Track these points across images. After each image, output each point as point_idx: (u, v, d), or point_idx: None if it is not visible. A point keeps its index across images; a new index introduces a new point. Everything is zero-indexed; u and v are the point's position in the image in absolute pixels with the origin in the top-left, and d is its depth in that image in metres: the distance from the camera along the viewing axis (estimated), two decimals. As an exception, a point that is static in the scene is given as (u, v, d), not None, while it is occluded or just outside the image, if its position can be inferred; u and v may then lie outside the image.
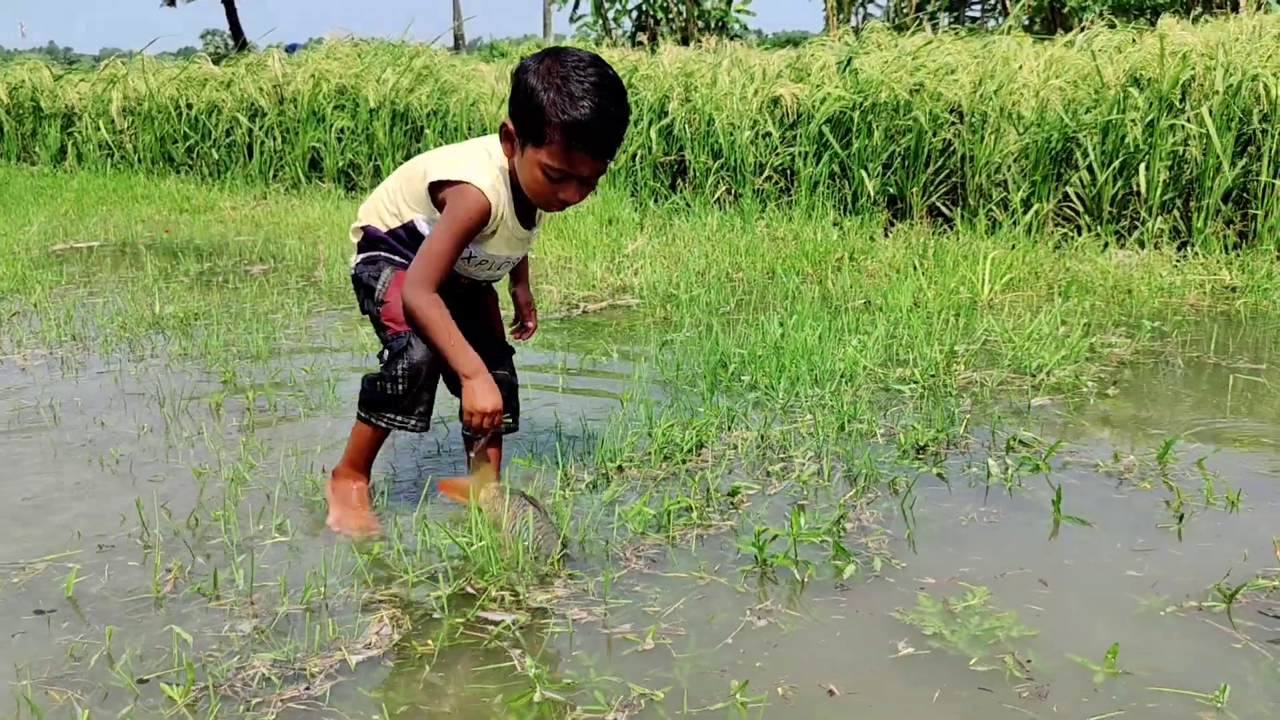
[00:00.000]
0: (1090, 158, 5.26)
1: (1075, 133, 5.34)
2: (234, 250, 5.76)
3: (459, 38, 22.92)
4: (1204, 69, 5.16)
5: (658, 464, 2.54)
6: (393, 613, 1.86)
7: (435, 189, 2.10)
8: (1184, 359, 3.43)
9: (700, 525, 2.20)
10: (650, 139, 6.64)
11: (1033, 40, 6.57)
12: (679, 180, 6.68)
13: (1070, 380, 3.16)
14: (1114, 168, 5.19)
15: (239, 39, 22.75)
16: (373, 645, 1.75)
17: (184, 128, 9.09)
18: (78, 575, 1.98)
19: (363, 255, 2.25)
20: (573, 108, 1.92)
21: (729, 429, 2.77)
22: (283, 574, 1.98)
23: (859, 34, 8.02)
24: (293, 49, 11.27)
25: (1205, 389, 3.15)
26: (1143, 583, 1.95)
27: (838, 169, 6.08)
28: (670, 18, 14.93)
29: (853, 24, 14.08)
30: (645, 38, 13.96)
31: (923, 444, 2.63)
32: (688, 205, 6.33)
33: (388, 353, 2.14)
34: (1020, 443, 2.66)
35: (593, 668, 1.69)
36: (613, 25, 15.19)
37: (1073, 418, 2.89)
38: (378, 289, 2.18)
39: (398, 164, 6.90)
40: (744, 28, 15.29)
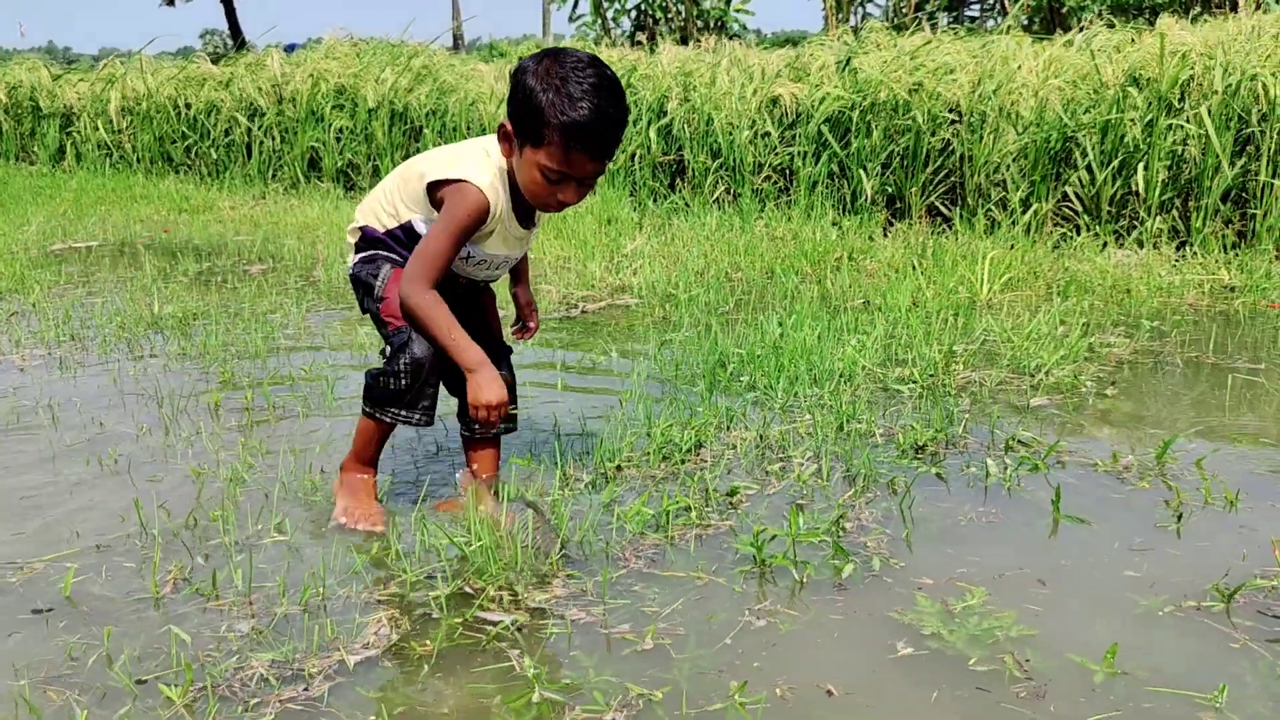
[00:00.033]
0: (1089, 157, 5.26)
1: (1074, 132, 5.35)
2: (233, 250, 5.76)
3: (458, 37, 22.92)
4: (1203, 69, 5.16)
5: (656, 464, 2.54)
6: (391, 613, 1.86)
7: (433, 188, 2.10)
8: (1183, 359, 3.43)
9: (699, 525, 2.20)
10: (649, 139, 6.64)
11: (1031, 40, 6.57)
12: (678, 180, 6.68)
13: (1069, 380, 3.16)
14: (1113, 167, 5.19)
15: (238, 39, 22.74)
16: (371, 645, 1.75)
17: (183, 127, 9.09)
18: (76, 575, 1.98)
19: (361, 255, 2.25)
20: (571, 109, 1.92)
21: (728, 429, 2.77)
22: (281, 574, 1.98)
23: (858, 34, 8.03)
24: (291, 49, 11.27)
25: (1204, 389, 3.15)
26: (1141, 582, 1.95)
27: (836, 169, 6.08)
28: (669, 17, 14.94)
29: (852, 24, 14.09)
30: (644, 37, 13.97)
31: (921, 444, 2.64)
32: (687, 205, 6.33)
33: (389, 348, 2.14)
34: (1019, 442, 2.66)
35: (591, 668, 1.69)
36: (611, 25, 15.19)
37: (1071, 417, 2.89)
38: (377, 286, 2.18)
39: (396, 164, 6.90)
40: (743, 27, 15.30)
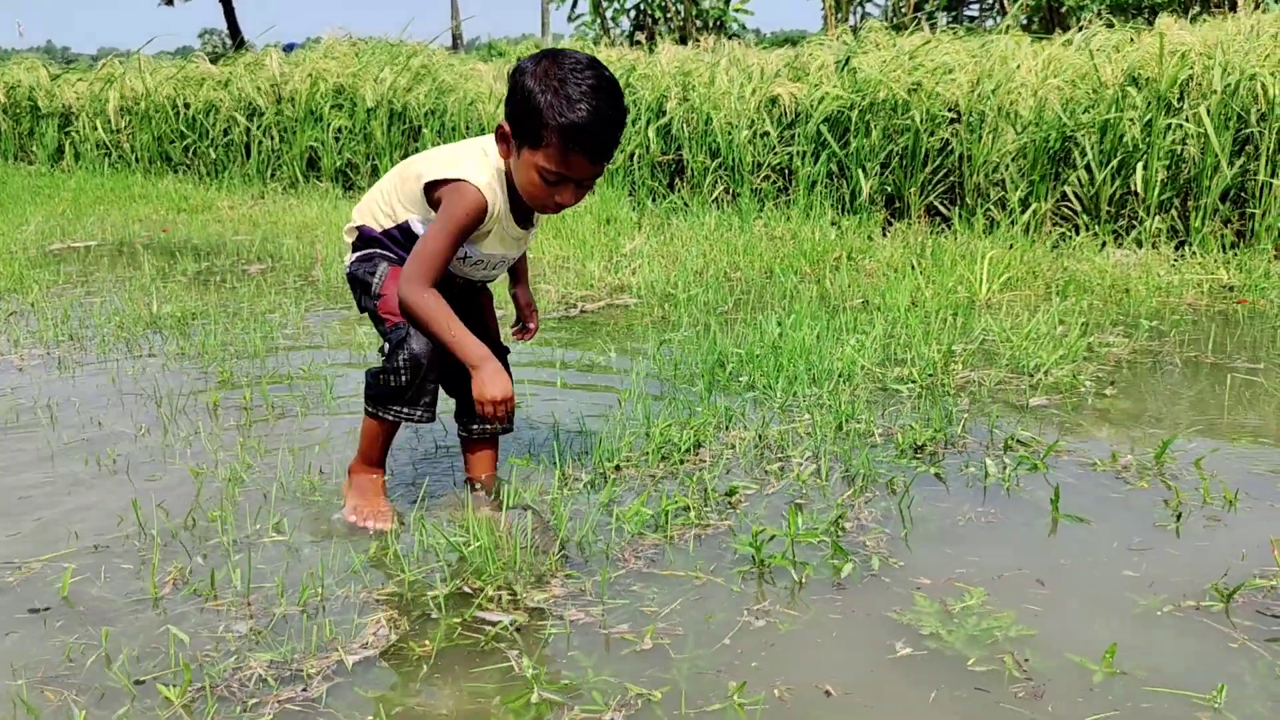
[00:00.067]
0: (1088, 157, 5.26)
1: (1073, 132, 5.35)
2: (231, 250, 5.76)
3: (457, 37, 22.92)
4: (1202, 68, 5.16)
5: (655, 464, 2.54)
6: (390, 613, 1.86)
7: (430, 188, 2.09)
8: (1181, 358, 3.43)
9: (698, 525, 2.20)
10: (648, 138, 6.64)
11: (1030, 39, 6.57)
12: (677, 179, 6.68)
13: (1068, 380, 3.16)
14: (1112, 167, 5.19)
15: (237, 38, 22.73)
16: (370, 646, 1.75)
17: (181, 127, 9.09)
18: (74, 575, 1.98)
19: (358, 254, 2.25)
20: (570, 111, 1.91)
21: (727, 429, 2.77)
22: (280, 574, 1.98)
23: (857, 33, 8.03)
24: (290, 48, 11.26)
25: (1203, 388, 3.15)
26: (1140, 582, 1.95)
27: (835, 168, 6.08)
28: (668, 17, 14.93)
29: (851, 23, 14.08)
30: (643, 37, 13.97)
31: (920, 443, 2.63)
32: (685, 204, 6.33)
33: (387, 345, 2.14)
34: (1018, 442, 2.66)
35: (590, 668, 1.69)
36: (611, 24, 15.19)
37: (1070, 417, 2.89)
38: (374, 283, 2.18)
39: (395, 163, 6.89)
40: (742, 27, 15.30)
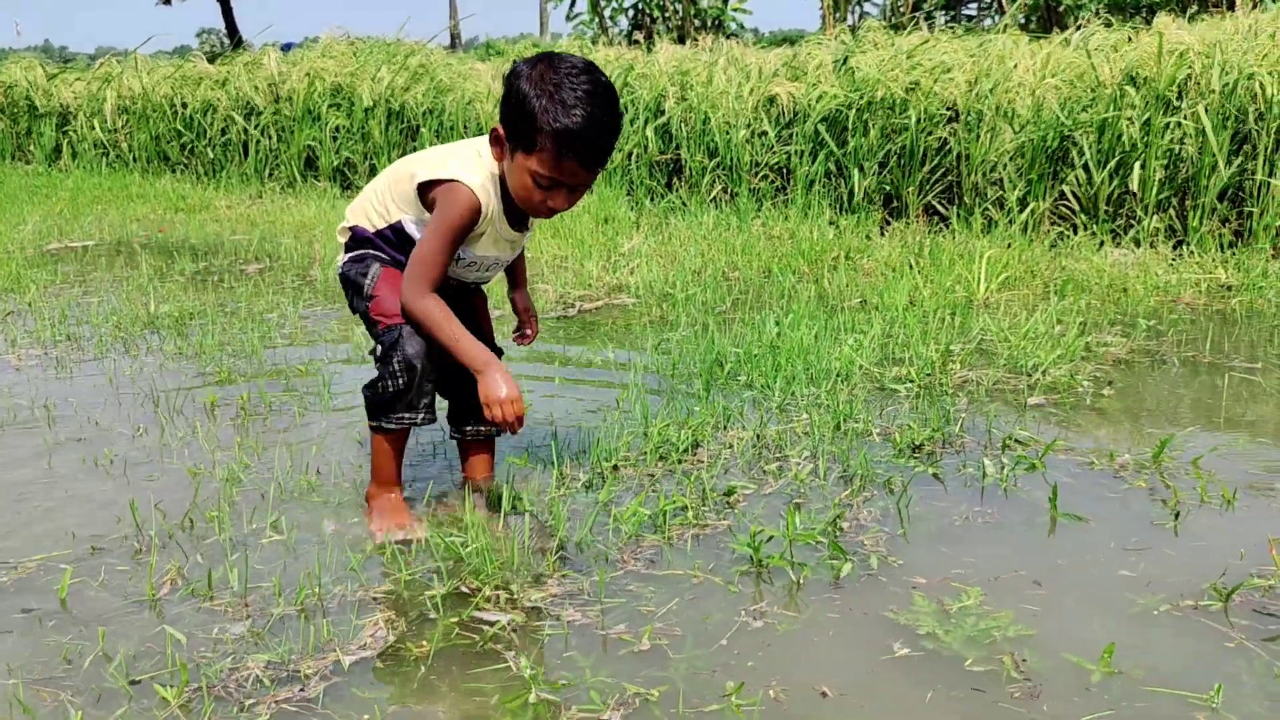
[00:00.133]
0: (1086, 156, 5.26)
1: (1071, 131, 5.35)
2: (229, 249, 5.75)
3: (455, 36, 22.92)
4: (1200, 67, 5.16)
5: (653, 463, 2.54)
6: (387, 613, 1.86)
7: (424, 188, 2.09)
8: (1179, 358, 3.43)
9: (696, 525, 2.20)
10: (646, 138, 6.64)
11: (1029, 39, 6.57)
12: (675, 179, 6.67)
13: (1066, 379, 3.16)
14: (1110, 166, 5.19)
15: (234, 37, 22.72)
16: (367, 646, 1.75)
17: (179, 126, 9.07)
18: (71, 575, 1.97)
19: (350, 255, 2.24)
20: (565, 116, 1.90)
21: (725, 428, 2.77)
22: (277, 574, 1.98)
23: (855, 33, 8.03)
24: (288, 47, 11.26)
25: (1201, 388, 3.15)
26: (1138, 582, 1.95)
27: (833, 168, 6.08)
28: (666, 16, 14.93)
29: (849, 22, 14.08)
30: (641, 36, 13.97)
31: (918, 443, 2.63)
32: (684, 204, 6.33)
33: (380, 348, 2.13)
34: (1016, 441, 2.66)
35: (588, 668, 1.69)
36: (609, 24, 15.19)
37: (1068, 417, 2.89)
38: (365, 285, 2.17)
39: (393, 162, 6.89)
40: (740, 26, 15.31)
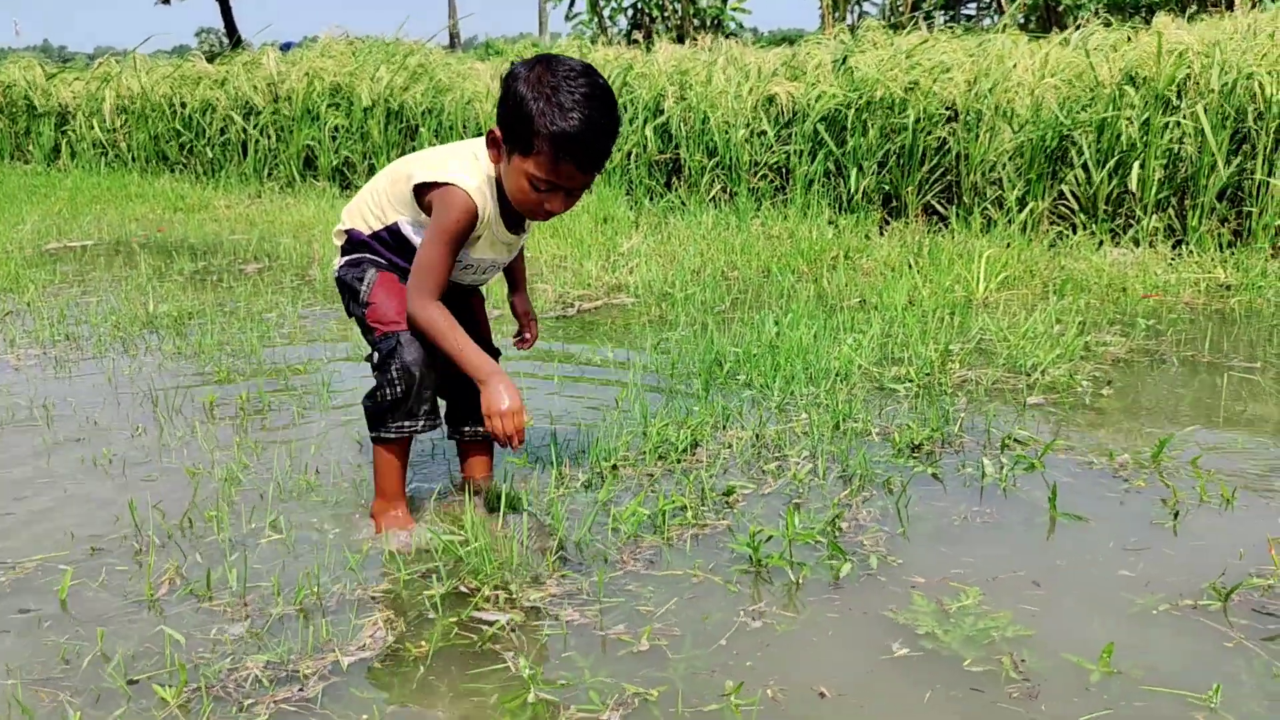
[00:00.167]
0: (1085, 156, 5.26)
1: (1070, 131, 5.35)
2: (228, 249, 5.75)
3: (454, 36, 22.92)
4: (1199, 67, 5.16)
5: (652, 463, 2.54)
6: (386, 613, 1.86)
7: (420, 190, 2.07)
8: (1179, 357, 3.43)
9: (695, 525, 2.20)
10: (645, 137, 6.63)
11: (1028, 38, 6.57)
12: (674, 178, 6.67)
13: (1065, 379, 3.16)
14: (1109, 166, 5.19)
15: (234, 37, 22.72)
16: (366, 646, 1.75)
17: (178, 126, 9.07)
18: (69, 576, 1.97)
19: (346, 258, 2.23)
20: (562, 119, 1.88)
21: (724, 428, 2.77)
22: (276, 574, 1.98)
23: (855, 32, 8.03)
24: (287, 47, 11.26)
25: (1200, 387, 3.15)
26: (1137, 582, 1.95)
27: (832, 167, 6.08)
28: (665, 15, 14.93)
29: (848, 22, 14.09)
30: (640, 35, 13.97)
31: (917, 443, 2.63)
32: (683, 203, 6.33)
33: (377, 355, 2.12)
34: (1015, 441, 2.66)
35: (587, 668, 1.69)
36: (608, 23, 15.19)
37: (1067, 416, 2.89)
38: (362, 291, 2.15)
39: (391, 162, 6.89)
40: (739, 25, 15.31)
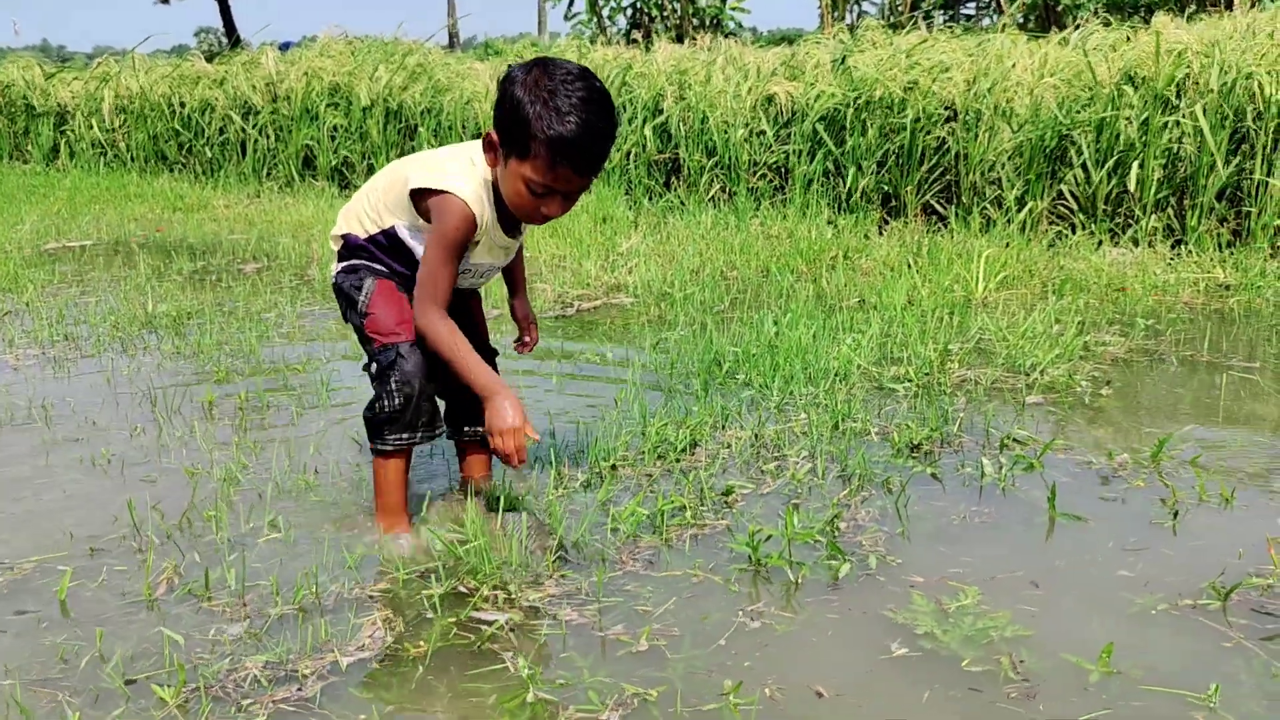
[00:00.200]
0: (1084, 156, 5.26)
1: (1069, 130, 5.35)
2: (227, 249, 5.74)
3: (453, 35, 22.92)
4: (1199, 67, 5.16)
5: (651, 463, 2.53)
6: (385, 613, 1.86)
7: (418, 196, 2.06)
8: (1178, 357, 3.43)
9: (694, 525, 2.19)
10: (645, 137, 6.63)
11: (1027, 38, 6.57)
12: (673, 178, 6.67)
13: (1064, 378, 3.16)
14: (1108, 166, 5.19)
15: (232, 37, 22.71)
16: (365, 646, 1.75)
17: (177, 126, 9.07)
18: (68, 576, 1.97)
19: (343, 264, 2.21)
20: (559, 123, 1.87)
21: (723, 428, 2.77)
22: (275, 574, 1.97)
23: (854, 32, 8.02)
24: (286, 47, 11.26)
25: (1199, 387, 3.15)
26: (1136, 581, 1.95)
27: (832, 167, 6.08)
28: (665, 15, 14.93)
29: (847, 22, 14.08)
30: (640, 35, 13.97)
31: (917, 443, 2.63)
32: (682, 203, 6.33)
33: (375, 366, 2.10)
34: (1014, 441, 2.66)
35: (586, 668, 1.69)
36: (607, 23, 15.18)
37: (1067, 416, 2.89)
38: (360, 300, 2.14)
39: (391, 161, 6.88)
40: (738, 25, 15.29)
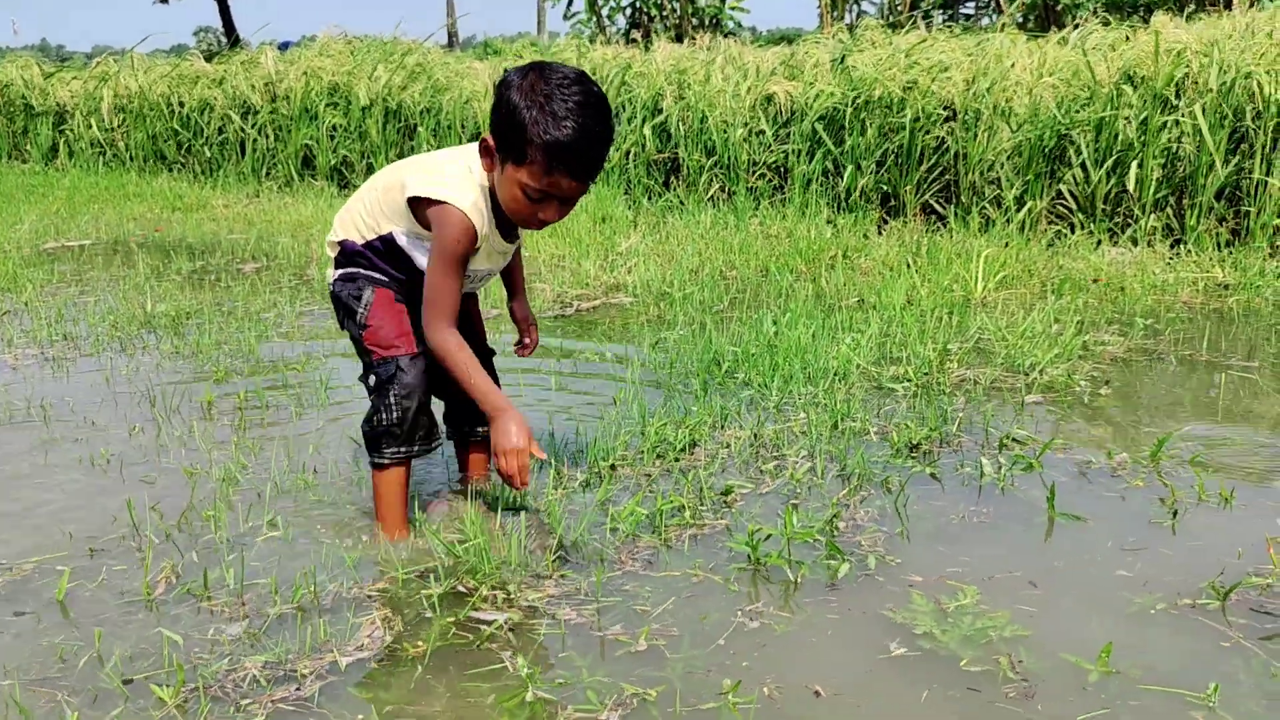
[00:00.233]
0: (1084, 155, 5.26)
1: (1068, 130, 5.35)
2: (226, 248, 5.74)
3: (453, 35, 22.91)
4: (1198, 66, 5.16)
5: (651, 462, 2.53)
6: (384, 613, 1.86)
7: (416, 203, 2.04)
8: (1177, 356, 3.43)
9: (693, 524, 2.19)
10: (644, 137, 6.63)
11: (1026, 38, 6.57)
12: (673, 178, 6.67)
13: (1063, 378, 3.16)
14: (1107, 165, 5.19)
15: (232, 36, 22.70)
16: (364, 646, 1.75)
17: (176, 125, 9.06)
18: (66, 576, 1.97)
19: (341, 272, 2.19)
20: (555, 128, 1.86)
21: (722, 427, 2.77)
22: (274, 574, 1.97)
23: (853, 31, 8.02)
24: (285, 46, 11.26)
25: (1198, 386, 3.15)
26: (1135, 581, 1.95)
27: (831, 166, 6.08)
28: (664, 15, 14.92)
29: (847, 21, 14.08)
30: (639, 35, 13.97)
31: (916, 442, 2.63)
32: (681, 203, 6.32)
33: (374, 379, 2.10)
34: (1013, 441, 2.66)
35: (585, 668, 1.69)
36: (606, 22, 15.18)
37: (1066, 416, 2.89)
38: (359, 311, 2.13)
39: (390, 161, 6.88)
40: (738, 25, 15.29)
